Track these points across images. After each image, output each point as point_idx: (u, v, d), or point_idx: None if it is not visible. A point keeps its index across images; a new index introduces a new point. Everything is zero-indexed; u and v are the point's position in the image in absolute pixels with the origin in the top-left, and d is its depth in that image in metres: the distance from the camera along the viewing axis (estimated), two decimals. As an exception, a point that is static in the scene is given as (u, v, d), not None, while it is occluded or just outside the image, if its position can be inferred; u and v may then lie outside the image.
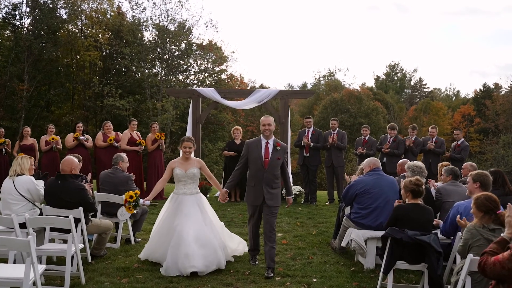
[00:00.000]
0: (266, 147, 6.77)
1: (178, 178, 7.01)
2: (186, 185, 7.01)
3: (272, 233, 6.72)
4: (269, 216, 6.73)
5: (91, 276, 6.23)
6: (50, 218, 5.96)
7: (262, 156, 6.71)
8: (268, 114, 7.98)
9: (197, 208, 6.91)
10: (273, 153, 6.74)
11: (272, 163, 6.72)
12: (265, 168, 6.70)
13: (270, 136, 6.81)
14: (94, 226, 6.94)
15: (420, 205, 5.83)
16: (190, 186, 7.03)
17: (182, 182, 7.00)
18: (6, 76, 29.04)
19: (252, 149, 6.83)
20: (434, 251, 5.41)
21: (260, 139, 6.86)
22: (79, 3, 31.80)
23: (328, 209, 11.61)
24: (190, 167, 7.03)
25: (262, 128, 6.84)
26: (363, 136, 12.75)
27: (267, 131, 6.77)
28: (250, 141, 7.00)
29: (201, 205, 7.02)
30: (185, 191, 6.99)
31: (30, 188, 6.81)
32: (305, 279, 6.36)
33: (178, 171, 6.99)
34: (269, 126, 6.80)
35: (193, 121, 12.91)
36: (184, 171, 6.99)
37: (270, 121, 6.85)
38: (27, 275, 4.45)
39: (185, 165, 7.05)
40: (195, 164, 7.11)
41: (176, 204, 6.92)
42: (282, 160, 6.83)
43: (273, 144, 6.80)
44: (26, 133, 12.83)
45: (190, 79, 34.88)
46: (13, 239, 4.72)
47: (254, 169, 6.80)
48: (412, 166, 7.25)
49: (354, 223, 7.11)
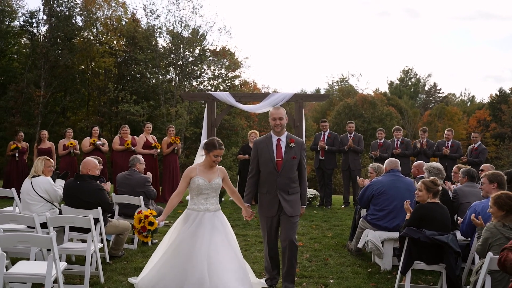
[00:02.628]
0: (278, 145, 5.74)
1: (200, 190, 5.60)
2: (208, 199, 5.64)
3: (293, 249, 5.70)
4: (289, 228, 5.69)
5: (110, 275, 6.29)
6: (70, 217, 6.06)
7: (274, 157, 5.69)
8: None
9: (221, 230, 5.59)
10: (287, 151, 5.69)
11: (286, 164, 5.66)
12: (278, 171, 5.66)
13: (282, 131, 5.76)
14: (112, 227, 7.01)
15: (440, 204, 5.82)
16: (213, 201, 5.69)
17: (204, 195, 5.62)
18: (23, 83, 29.61)
19: (261, 149, 5.80)
20: (452, 251, 5.38)
21: (270, 136, 5.82)
22: (95, 11, 32.20)
23: (344, 212, 11.59)
24: (214, 176, 5.68)
25: (272, 123, 5.77)
26: (378, 139, 12.73)
27: (278, 127, 5.71)
28: (258, 140, 5.95)
29: (225, 225, 5.72)
30: (207, 206, 5.62)
31: (48, 189, 6.91)
32: (322, 280, 6.37)
33: (201, 181, 5.58)
34: (280, 121, 5.72)
35: (208, 125, 12.97)
36: (208, 182, 5.62)
37: (281, 114, 5.75)
38: (49, 272, 4.53)
39: (209, 175, 5.66)
40: (218, 173, 5.78)
41: (195, 224, 5.50)
42: (298, 159, 5.75)
43: (286, 141, 5.76)
44: (44, 137, 13.01)
45: (204, 85, 35.09)
46: (36, 235, 4.83)
47: (266, 173, 5.76)
48: (429, 167, 7.24)
49: (371, 224, 7.10)
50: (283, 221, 5.73)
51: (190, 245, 5.34)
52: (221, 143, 5.70)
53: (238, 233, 8.29)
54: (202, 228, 5.43)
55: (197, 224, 5.47)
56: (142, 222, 5.40)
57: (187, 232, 5.45)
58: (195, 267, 5.21)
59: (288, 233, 5.68)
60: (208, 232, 5.41)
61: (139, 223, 5.42)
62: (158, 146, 12.53)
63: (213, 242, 5.37)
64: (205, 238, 5.37)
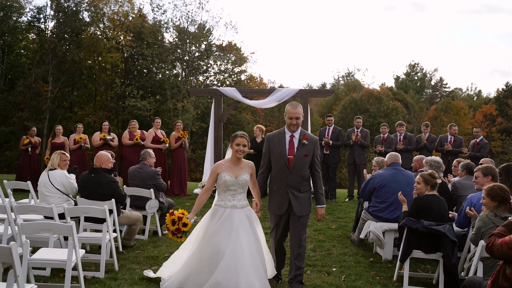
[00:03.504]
0: (291, 142, 5.67)
1: (227, 186, 5.49)
2: (235, 195, 5.52)
3: (301, 249, 5.68)
4: (297, 227, 5.66)
5: (123, 263, 6.61)
6: (87, 207, 6.40)
7: (286, 153, 5.61)
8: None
9: (248, 226, 5.48)
10: (299, 148, 5.61)
11: (298, 161, 5.59)
12: (290, 168, 5.59)
13: (296, 129, 5.72)
14: (125, 217, 7.34)
15: (438, 196, 6.10)
16: (240, 197, 5.55)
17: (231, 191, 5.51)
18: (31, 78, 29.96)
19: (274, 144, 5.72)
20: (449, 240, 5.67)
21: (283, 132, 5.74)
22: (101, 6, 32.46)
23: (348, 205, 11.87)
24: (242, 172, 5.54)
25: (288, 122, 5.67)
26: (382, 134, 12.98)
27: (294, 126, 5.64)
28: (271, 135, 5.89)
29: (252, 221, 5.60)
30: (234, 203, 5.49)
31: (64, 182, 7.27)
32: (325, 268, 6.67)
33: (228, 178, 5.47)
34: (297, 120, 5.64)
35: (215, 120, 13.26)
36: (235, 178, 5.50)
37: (299, 113, 5.65)
38: (70, 257, 4.88)
39: (236, 170, 5.54)
40: (246, 168, 5.62)
41: (222, 220, 5.42)
42: (311, 157, 5.66)
43: (299, 138, 5.67)
44: (58, 132, 13.36)
45: (210, 79, 35.38)
46: (58, 223, 5.24)
47: (277, 169, 5.70)
48: (430, 161, 7.50)
49: (373, 216, 7.40)
50: (292, 221, 5.68)
51: (217, 241, 5.27)
52: (243, 133, 5.68)
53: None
54: (229, 224, 5.34)
55: (224, 220, 5.38)
56: (177, 224, 5.35)
57: (214, 227, 5.38)
58: (221, 261, 5.14)
59: (296, 233, 5.65)
60: (234, 228, 5.31)
61: (172, 225, 5.38)
62: (166, 141, 12.84)
63: (238, 238, 5.26)
64: (232, 234, 5.27)
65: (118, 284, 5.75)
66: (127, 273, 6.22)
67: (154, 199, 8.17)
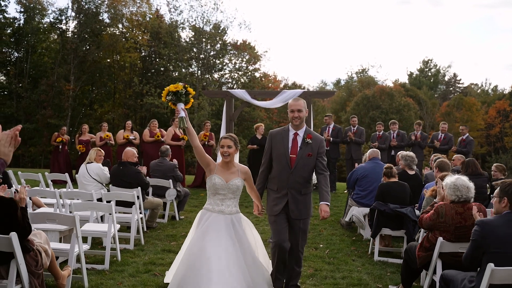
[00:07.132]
0: (294, 140, 5.35)
1: (216, 189, 5.14)
2: (224, 200, 5.14)
3: (300, 251, 5.40)
4: (295, 233, 5.35)
5: (148, 239, 8.08)
6: (119, 193, 7.84)
7: (288, 152, 5.29)
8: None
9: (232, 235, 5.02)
10: (302, 148, 5.29)
11: (300, 161, 5.26)
12: (292, 168, 5.26)
13: (300, 125, 5.35)
14: (149, 202, 8.81)
15: (398, 182, 7.56)
16: (230, 203, 5.16)
17: (220, 196, 5.14)
18: (53, 77, 31.58)
19: (276, 142, 5.39)
20: (410, 220, 7.03)
21: (287, 130, 5.43)
22: (120, 7, 33.84)
23: (345, 196, 13.14)
24: (233, 177, 5.17)
25: (290, 116, 5.36)
26: (378, 132, 14.26)
27: (296, 119, 5.30)
28: (274, 132, 5.55)
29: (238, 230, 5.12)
30: (222, 208, 5.12)
31: (99, 173, 8.76)
32: (314, 245, 8.05)
33: (218, 180, 5.12)
34: (299, 113, 5.30)
35: (227, 119, 14.59)
36: (225, 182, 5.13)
37: (301, 106, 5.32)
38: (110, 230, 6.34)
39: (227, 174, 5.17)
40: (238, 173, 5.23)
41: (206, 225, 5.04)
42: (314, 158, 5.32)
43: (303, 136, 5.34)
44: (84, 130, 14.92)
45: (225, 77, 36.63)
46: (100, 203, 6.78)
47: (278, 169, 5.36)
48: (405, 155, 8.78)
49: (356, 202, 8.77)
50: (291, 225, 5.35)
51: (200, 246, 4.89)
52: (229, 134, 5.35)
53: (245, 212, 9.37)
54: (213, 230, 4.98)
55: (207, 225, 5.02)
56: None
57: (198, 232, 5.06)
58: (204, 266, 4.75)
59: (293, 238, 5.35)
60: (218, 235, 4.94)
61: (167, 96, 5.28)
62: (185, 138, 14.17)
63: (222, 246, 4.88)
64: (214, 240, 4.91)
65: (145, 253, 7.19)
66: (151, 247, 7.65)
67: (172, 188, 9.61)
